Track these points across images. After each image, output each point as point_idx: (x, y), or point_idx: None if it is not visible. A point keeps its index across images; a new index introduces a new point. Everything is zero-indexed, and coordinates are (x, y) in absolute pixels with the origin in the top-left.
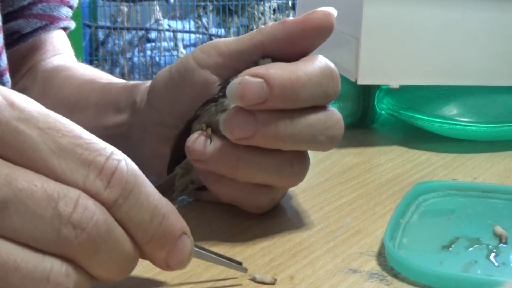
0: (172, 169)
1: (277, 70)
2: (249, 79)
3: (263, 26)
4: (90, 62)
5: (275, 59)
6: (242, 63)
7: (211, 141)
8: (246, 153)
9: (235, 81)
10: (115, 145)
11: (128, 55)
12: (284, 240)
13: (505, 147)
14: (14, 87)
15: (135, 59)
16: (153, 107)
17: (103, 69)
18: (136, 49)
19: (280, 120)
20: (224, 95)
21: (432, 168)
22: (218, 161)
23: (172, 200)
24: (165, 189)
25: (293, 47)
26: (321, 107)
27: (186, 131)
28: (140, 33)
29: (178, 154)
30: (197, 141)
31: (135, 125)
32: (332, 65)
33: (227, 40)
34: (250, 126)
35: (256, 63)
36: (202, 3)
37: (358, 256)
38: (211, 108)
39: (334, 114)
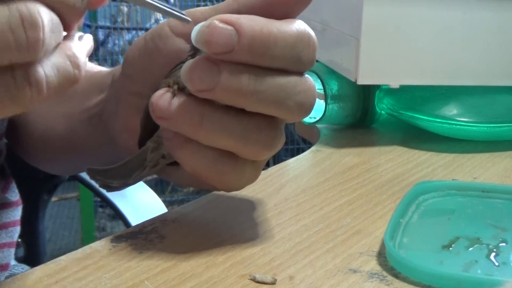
0: (143, 144)
1: (249, 21)
2: (218, 24)
3: None
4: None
5: None
6: None
7: (173, 96)
8: (211, 112)
9: (203, 24)
10: (92, 125)
11: None
12: (284, 240)
13: (505, 147)
14: None
15: None
16: (127, 75)
17: None
18: None
19: (245, 74)
20: (192, 57)
21: (432, 168)
22: (181, 117)
23: (143, 177)
24: (135, 165)
25: (270, 16)
26: (293, 72)
27: None
28: (140, 33)
29: (149, 128)
30: (162, 97)
31: (110, 99)
32: (311, 32)
33: (203, 9)
34: (212, 77)
35: None
36: (202, 3)
37: (358, 256)
38: (179, 69)
39: (307, 81)
